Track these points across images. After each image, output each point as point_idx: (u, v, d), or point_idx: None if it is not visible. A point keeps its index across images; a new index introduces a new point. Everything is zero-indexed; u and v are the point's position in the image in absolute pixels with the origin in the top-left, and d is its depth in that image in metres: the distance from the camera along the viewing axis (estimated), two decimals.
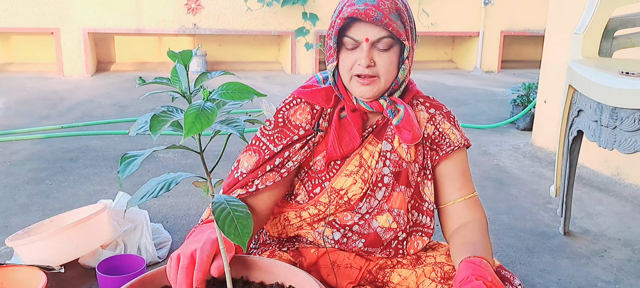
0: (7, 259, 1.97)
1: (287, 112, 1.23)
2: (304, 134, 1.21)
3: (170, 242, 2.15)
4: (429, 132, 1.25)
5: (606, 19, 2.09)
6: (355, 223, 1.22)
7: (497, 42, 7.70)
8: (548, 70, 3.70)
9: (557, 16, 3.61)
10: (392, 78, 1.18)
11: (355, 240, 1.22)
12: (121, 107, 4.79)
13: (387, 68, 1.16)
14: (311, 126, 1.21)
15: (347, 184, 1.21)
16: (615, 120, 1.79)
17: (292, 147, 1.19)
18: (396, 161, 1.21)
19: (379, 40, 1.14)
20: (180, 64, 0.78)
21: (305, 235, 1.25)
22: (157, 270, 0.99)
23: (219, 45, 7.30)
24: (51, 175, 2.94)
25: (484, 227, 1.21)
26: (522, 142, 3.92)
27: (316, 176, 1.23)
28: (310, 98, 1.23)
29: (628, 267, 2.09)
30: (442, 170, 1.26)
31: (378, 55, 1.15)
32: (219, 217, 0.76)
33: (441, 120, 1.26)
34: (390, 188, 1.22)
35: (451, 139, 1.25)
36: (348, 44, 1.16)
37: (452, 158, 1.26)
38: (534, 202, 2.74)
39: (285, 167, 1.19)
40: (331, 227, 1.23)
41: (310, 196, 1.24)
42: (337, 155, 1.20)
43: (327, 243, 1.23)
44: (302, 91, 1.25)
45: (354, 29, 1.14)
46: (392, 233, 1.22)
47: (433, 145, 1.25)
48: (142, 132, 0.74)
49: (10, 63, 6.71)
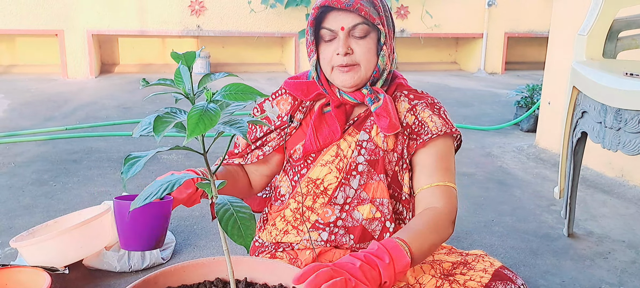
0: (12, 260, 1.97)
1: (273, 101, 1.32)
2: (279, 124, 1.29)
3: (174, 243, 2.15)
4: (409, 122, 1.24)
5: (610, 20, 2.09)
6: (337, 218, 1.24)
7: (501, 43, 7.69)
8: (552, 71, 3.69)
9: (561, 17, 3.61)
10: (372, 66, 1.21)
11: (343, 236, 1.23)
12: (125, 108, 4.81)
13: (365, 55, 1.20)
14: (287, 118, 1.28)
15: (323, 174, 1.24)
16: (619, 122, 1.78)
17: (268, 135, 1.30)
18: (372, 150, 1.23)
19: (354, 27, 1.18)
20: (184, 65, 0.78)
21: (294, 242, 1.26)
22: (161, 271, 0.99)
23: (222, 47, 7.32)
24: (55, 176, 2.95)
25: (436, 214, 1.12)
26: (526, 143, 3.91)
27: (295, 165, 1.29)
28: (292, 89, 1.29)
29: (632, 269, 2.08)
30: (418, 158, 1.24)
31: (355, 43, 1.19)
32: (222, 218, 0.76)
33: (422, 109, 1.24)
34: (365, 177, 1.23)
35: (429, 127, 1.22)
36: (325, 35, 1.21)
37: (429, 147, 1.22)
38: (538, 204, 2.74)
39: (263, 150, 1.30)
40: (316, 228, 1.24)
41: (292, 184, 1.29)
42: (313, 149, 1.25)
43: (316, 249, 1.24)
44: (288, 82, 1.31)
45: (329, 19, 1.19)
46: (377, 224, 1.22)
47: (412, 135, 1.24)
48: (146, 134, 0.74)
49: (14, 65, 6.74)
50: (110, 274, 1.92)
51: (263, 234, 1.33)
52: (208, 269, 1.02)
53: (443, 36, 7.56)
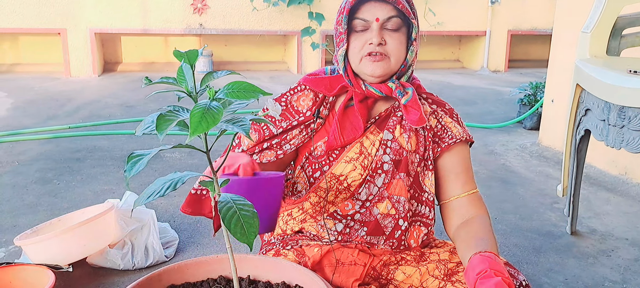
0: (16, 258, 1.98)
1: (291, 97, 1.28)
2: (303, 120, 1.25)
3: (177, 241, 2.15)
4: (432, 125, 1.27)
5: (614, 18, 2.08)
6: (356, 212, 1.24)
7: (504, 41, 7.68)
8: (555, 69, 3.68)
9: (565, 15, 3.60)
10: (401, 59, 1.21)
11: (358, 229, 1.23)
12: (128, 107, 4.81)
13: (397, 47, 1.19)
14: (312, 113, 1.25)
15: (347, 170, 1.23)
16: (623, 119, 1.78)
17: (291, 132, 1.25)
18: (397, 150, 1.23)
19: (388, 19, 1.17)
20: (187, 63, 0.78)
21: (308, 228, 1.26)
22: (165, 268, 0.99)
23: (225, 45, 7.32)
24: (59, 175, 2.96)
25: (489, 224, 1.21)
26: (529, 141, 3.90)
27: (316, 161, 1.27)
28: (313, 85, 1.27)
29: (635, 267, 2.08)
30: (445, 163, 1.27)
31: (388, 35, 1.19)
32: (225, 216, 0.77)
33: (443, 115, 1.29)
34: (390, 176, 1.23)
35: (453, 132, 1.27)
36: (358, 25, 1.19)
37: (455, 153, 1.27)
38: (541, 202, 2.73)
39: (283, 149, 1.25)
40: (333, 218, 1.24)
41: (311, 181, 1.27)
42: (337, 144, 1.24)
43: (330, 235, 1.24)
44: (307, 78, 1.29)
45: (363, 10, 1.18)
46: (391, 220, 1.23)
47: (435, 138, 1.27)
48: (149, 132, 0.74)
49: (18, 63, 6.76)
50: (114, 272, 1.93)
51: None
52: (211, 267, 1.02)
53: (446, 34, 7.55)
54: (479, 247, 1.07)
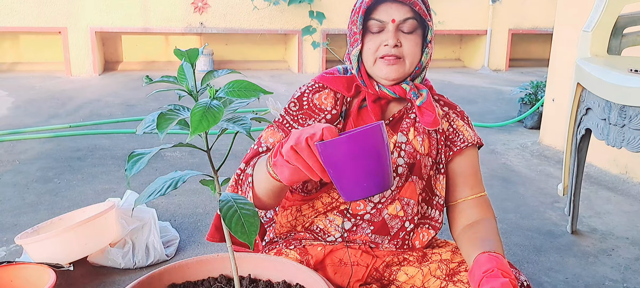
0: (17, 257, 1.98)
1: (311, 94, 1.25)
2: (330, 119, 1.23)
3: (178, 240, 2.16)
4: (444, 128, 1.27)
5: (615, 17, 2.08)
6: (367, 212, 1.23)
7: (505, 40, 7.67)
8: (556, 68, 3.68)
9: (566, 14, 3.59)
10: (416, 61, 1.20)
11: (365, 228, 1.23)
12: (129, 106, 4.82)
13: (412, 50, 1.18)
14: (337, 112, 1.23)
15: None
16: (623, 119, 1.78)
17: None
18: (411, 153, 1.23)
19: (404, 21, 1.16)
20: (187, 62, 0.78)
21: (317, 223, 1.26)
22: (165, 267, 0.99)
23: (225, 44, 7.32)
24: (60, 173, 2.96)
25: (496, 227, 1.21)
26: (530, 140, 3.90)
27: None
28: (332, 85, 1.25)
29: (636, 266, 2.08)
30: (455, 166, 1.27)
31: (403, 38, 1.17)
32: (225, 215, 0.77)
33: (455, 118, 1.29)
34: (404, 179, 1.22)
35: (465, 136, 1.27)
36: (373, 26, 1.18)
37: (466, 156, 1.27)
38: (542, 201, 2.73)
39: None
40: (343, 216, 1.24)
41: (321, 181, 1.24)
42: None
43: (336, 232, 1.23)
44: (324, 77, 1.27)
45: (379, 11, 1.16)
46: (398, 221, 1.22)
47: (447, 141, 1.27)
48: (150, 131, 0.74)
49: (18, 62, 6.76)
50: (115, 271, 1.93)
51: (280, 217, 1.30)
52: (212, 266, 1.02)
53: (447, 33, 7.54)
54: (485, 247, 1.07)
